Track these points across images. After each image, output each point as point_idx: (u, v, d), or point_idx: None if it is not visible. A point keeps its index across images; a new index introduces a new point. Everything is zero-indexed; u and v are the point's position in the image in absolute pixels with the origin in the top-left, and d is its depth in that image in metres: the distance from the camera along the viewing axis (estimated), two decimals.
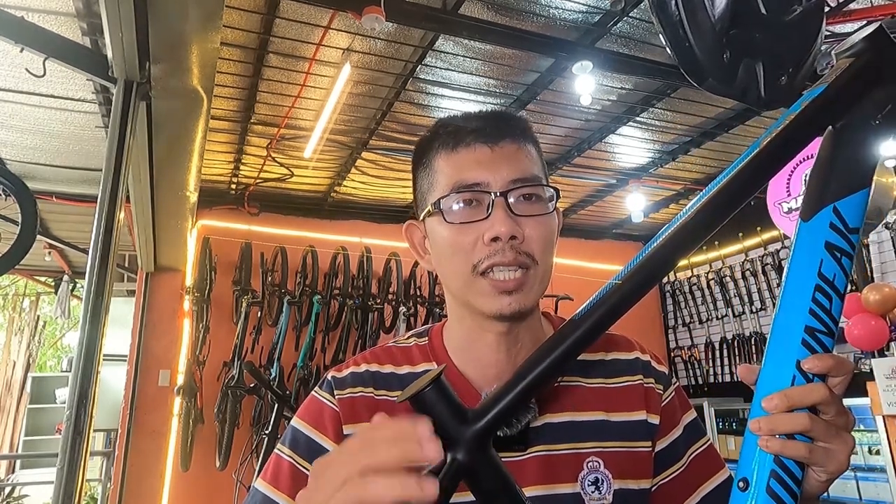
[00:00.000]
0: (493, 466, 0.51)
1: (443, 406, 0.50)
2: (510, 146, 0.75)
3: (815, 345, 0.48)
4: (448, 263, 0.74)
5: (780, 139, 0.51)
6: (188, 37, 2.06)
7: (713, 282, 5.70)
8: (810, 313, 0.48)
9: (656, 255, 0.52)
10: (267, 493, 0.72)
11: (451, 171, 0.74)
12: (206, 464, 4.34)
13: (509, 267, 0.70)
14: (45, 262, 5.88)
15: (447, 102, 3.78)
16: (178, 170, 3.06)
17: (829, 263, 0.49)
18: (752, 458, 0.49)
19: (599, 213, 5.73)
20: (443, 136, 0.77)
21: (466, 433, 0.50)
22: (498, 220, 0.70)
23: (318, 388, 0.80)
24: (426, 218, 0.77)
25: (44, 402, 7.26)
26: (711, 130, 4.21)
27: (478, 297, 0.72)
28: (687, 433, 0.79)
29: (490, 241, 0.70)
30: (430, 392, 0.50)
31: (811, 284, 0.49)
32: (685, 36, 0.63)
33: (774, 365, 0.49)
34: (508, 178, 0.72)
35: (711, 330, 5.75)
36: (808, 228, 0.51)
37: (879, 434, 3.55)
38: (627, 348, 0.84)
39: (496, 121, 0.76)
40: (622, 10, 2.92)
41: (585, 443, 0.74)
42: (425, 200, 0.77)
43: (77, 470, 1.82)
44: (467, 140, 0.74)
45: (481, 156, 0.73)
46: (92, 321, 1.96)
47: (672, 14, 0.63)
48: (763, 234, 5.20)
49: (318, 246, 4.89)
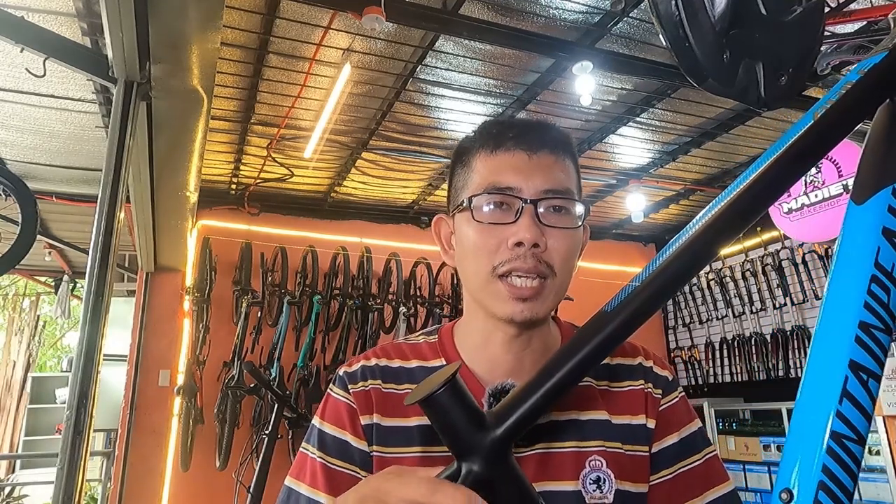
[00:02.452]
0: (513, 478, 0.46)
1: (458, 410, 0.45)
2: (548, 157, 0.76)
3: (871, 343, 0.43)
4: (470, 262, 0.76)
5: (838, 111, 0.45)
6: (188, 37, 2.06)
7: (713, 282, 5.70)
8: (865, 307, 0.43)
9: (695, 245, 0.47)
10: (308, 495, 0.73)
11: (488, 172, 0.76)
12: (206, 464, 4.34)
13: (528, 274, 0.72)
14: (45, 262, 5.88)
15: (447, 102, 3.77)
16: (178, 170, 3.06)
17: (887, 251, 0.44)
18: (795, 467, 0.44)
19: (599, 213, 5.73)
20: (485, 136, 0.78)
21: (484, 441, 0.45)
22: (524, 226, 0.71)
23: (333, 386, 0.82)
24: (456, 214, 0.79)
25: (44, 402, 7.26)
26: (711, 130, 4.21)
27: (493, 299, 0.74)
28: (683, 445, 0.78)
29: (513, 246, 0.72)
30: (444, 394, 0.45)
31: (867, 275, 0.44)
32: (685, 36, 0.63)
33: (823, 365, 0.44)
34: (541, 188, 0.74)
35: (711, 330, 5.75)
36: (863, 212, 0.45)
37: (879, 434, 3.55)
38: (633, 353, 0.84)
39: (538, 130, 0.78)
40: (622, 10, 2.92)
41: (589, 441, 0.74)
42: (458, 197, 0.79)
43: (77, 470, 1.82)
44: (507, 145, 0.76)
45: (518, 161, 0.75)
46: (92, 321, 1.96)
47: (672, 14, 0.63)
48: (763, 235, 5.20)
49: (318, 246, 4.89)
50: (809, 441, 0.44)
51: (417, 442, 0.73)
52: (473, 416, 0.46)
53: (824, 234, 3.39)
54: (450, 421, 0.45)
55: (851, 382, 0.43)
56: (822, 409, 0.43)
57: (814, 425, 0.44)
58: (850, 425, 0.43)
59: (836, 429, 0.43)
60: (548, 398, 0.47)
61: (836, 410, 0.43)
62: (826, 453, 0.43)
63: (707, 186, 5.09)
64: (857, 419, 0.43)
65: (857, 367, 0.43)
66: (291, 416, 4.08)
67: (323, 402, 0.81)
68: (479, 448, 0.45)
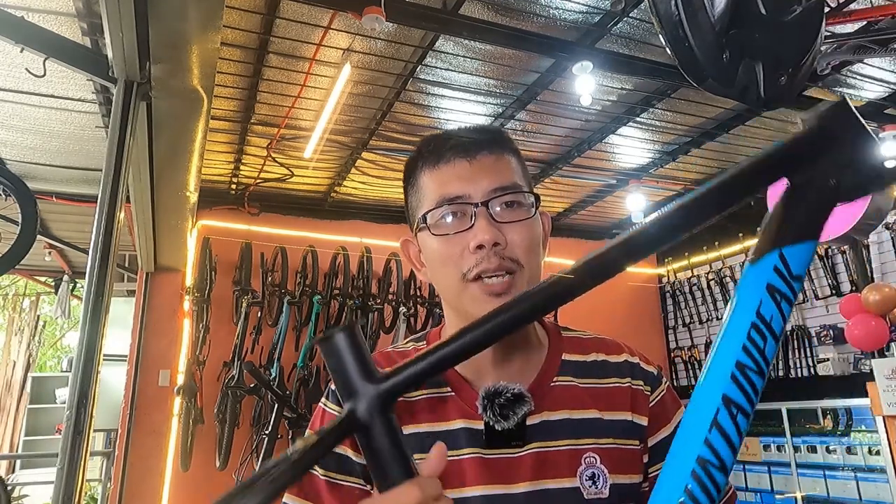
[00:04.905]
0: (389, 430, 0.50)
1: (351, 357, 0.50)
2: (488, 158, 0.79)
3: (745, 382, 0.48)
4: (440, 273, 0.79)
5: (736, 178, 0.52)
6: (188, 37, 2.06)
7: (713, 282, 5.70)
8: (744, 349, 0.49)
9: (607, 257, 0.53)
10: None
11: (435, 186, 0.79)
12: (206, 464, 4.34)
13: (497, 273, 0.74)
14: (45, 262, 5.88)
15: (447, 102, 3.78)
16: (178, 170, 3.06)
17: (768, 304, 0.50)
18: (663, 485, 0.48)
19: (599, 213, 5.73)
20: (425, 154, 0.81)
21: (371, 390, 0.50)
22: (480, 228, 0.74)
23: (326, 400, 0.83)
24: (418, 233, 0.82)
25: (44, 402, 7.26)
26: (711, 130, 4.21)
27: (470, 302, 0.76)
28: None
29: (475, 249, 0.74)
30: (342, 337, 0.50)
31: (749, 322, 0.50)
32: (685, 36, 0.63)
33: (702, 395, 0.49)
34: (488, 188, 0.76)
35: (711, 330, 5.75)
36: (754, 270, 0.52)
37: (879, 434, 3.55)
38: (617, 351, 0.86)
39: (473, 135, 0.81)
40: (622, 10, 2.92)
41: (582, 439, 0.76)
42: (415, 216, 0.82)
43: (77, 470, 1.82)
44: (447, 156, 0.79)
45: (461, 170, 0.78)
46: (92, 321, 1.96)
47: (672, 14, 0.63)
48: None
49: (318, 246, 4.89)
50: (680, 462, 0.48)
51: (415, 449, 0.73)
52: (365, 368, 0.50)
53: (824, 234, 3.39)
54: (343, 365, 0.50)
55: (722, 414, 0.47)
56: (695, 435, 0.48)
57: (685, 448, 0.48)
58: (715, 453, 0.47)
59: (702, 454, 0.47)
60: (435, 366, 0.51)
61: (706, 438, 0.47)
62: (690, 476, 0.47)
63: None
64: (723, 449, 0.47)
65: (729, 402, 0.48)
66: (291, 416, 4.08)
67: (315, 417, 0.82)
68: (364, 394, 0.50)
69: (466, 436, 0.74)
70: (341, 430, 0.50)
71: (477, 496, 0.71)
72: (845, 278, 4.71)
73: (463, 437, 0.74)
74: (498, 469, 0.73)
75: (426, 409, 0.77)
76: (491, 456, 0.73)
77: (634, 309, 6.13)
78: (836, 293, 4.70)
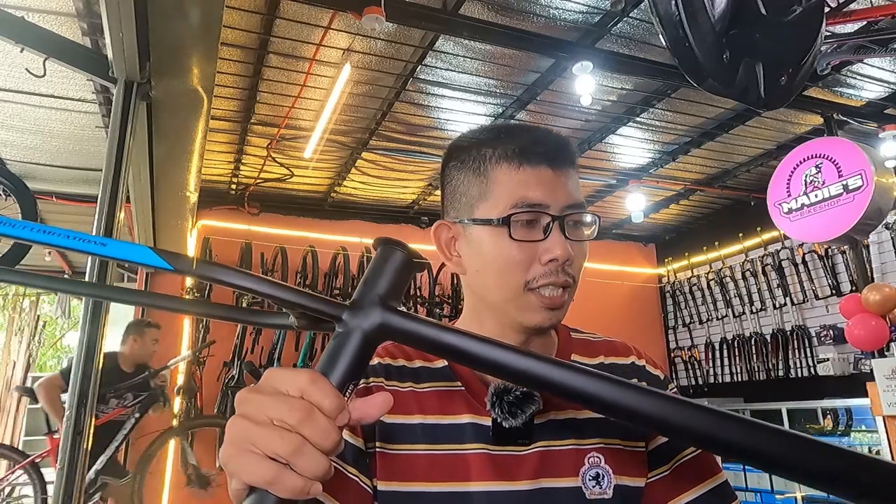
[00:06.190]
0: (363, 350, 0.51)
1: (396, 276, 0.50)
2: (568, 170, 0.79)
3: None
4: (496, 275, 0.77)
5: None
6: (188, 37, 2.06)
7: (713, 282, 5.70)
8: None
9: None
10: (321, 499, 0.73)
11: (516, 186, 0.76)
12: (206, 464, 4.34)
13: (557, 286, 0.75)
14: (45, 262, 5.89)
15: (447, 102, 3.78)
16: (178, 170, 3.06)
17: None
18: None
19: (599, 213, 5.68)
20: (506, 146, 0.78)
21: (377, 316, 0.50)
22: (558, 243, 0.74)
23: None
24: (468, 224, 0.79)
25: None
26: (711, 130, 4.21)
27: (523, 310, 0.76)
28: None
29: (547, 262, 0.74)
30: (400, 257, 0.50)
31: None
32: (685, 36, 0.63)
33: None
34: (565, 203, 0.76)
35: (711, 330, 5.75)
36: None
37: (879, 434, 3.55)
38: (625, 353, 0.86)
39: (559, 145, 0.80)
40: (622, 10, 2.92)
41: (587, 439, 0.76)
42: (472, 206, 0.78)
43: (77, 470, 1.83)
44: (535, 160, 0.77)
45: (545, 176, 0.76)
46: (92, 321, 1.96)
47: (672, 14, 0.63)
48: (763, 235, 5.20)
49: (318, 246, 4.89)
50: None
51: (421, 439, 0.74)
52: (392, 292, 0.50)
53: (824, 234, 3.39)
54: (378, 276, 0.50)
55: None
56: None
57: None
58: None
59: None
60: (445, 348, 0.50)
61: None
62: None
63: (707, 186, 5.09)
64: None
65: None
66: None
67: None
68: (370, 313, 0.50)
69: (473, 431, 0.74)
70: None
71: (480, 491, 0.71)
72: (845, 278, 4.71)
73: (470, 431, 0.74)
74: (503, 466, 0.73)
75: (435, 401, 0.77)
76: (497, 452, 0.74)
77: (634, 309, 6.13)
78: (836, 293, 4.70)
